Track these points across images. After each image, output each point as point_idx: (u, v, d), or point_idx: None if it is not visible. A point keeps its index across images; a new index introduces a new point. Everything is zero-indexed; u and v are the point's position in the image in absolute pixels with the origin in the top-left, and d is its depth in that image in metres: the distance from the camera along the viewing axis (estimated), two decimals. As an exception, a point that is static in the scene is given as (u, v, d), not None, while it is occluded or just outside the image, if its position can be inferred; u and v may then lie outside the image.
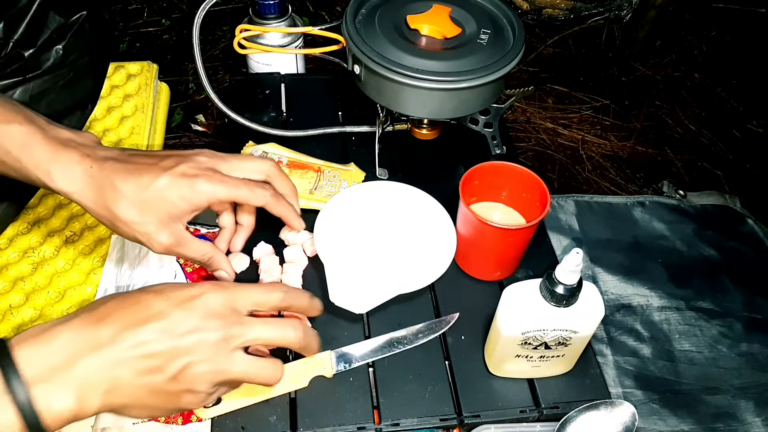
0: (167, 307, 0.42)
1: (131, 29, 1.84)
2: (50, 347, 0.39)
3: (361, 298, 0.57)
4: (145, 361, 0.41)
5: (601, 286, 1.11)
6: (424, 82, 0.64)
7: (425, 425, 0.57)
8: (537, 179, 0.63)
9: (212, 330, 0.42)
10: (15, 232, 0.75)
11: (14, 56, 0.79)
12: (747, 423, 0.95)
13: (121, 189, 0.50)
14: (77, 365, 0.39)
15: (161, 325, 0.41)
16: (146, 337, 0.41)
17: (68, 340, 0.39)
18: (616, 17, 1.86)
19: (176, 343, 0.41)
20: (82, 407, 0.39)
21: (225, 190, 0.53)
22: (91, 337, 0.40)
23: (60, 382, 0.38)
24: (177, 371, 0.42)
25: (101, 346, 0.40)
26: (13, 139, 0.49)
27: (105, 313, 0.41)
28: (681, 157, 1.63)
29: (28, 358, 0.38)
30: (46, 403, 0.38)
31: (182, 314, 0.42)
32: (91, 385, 0.39)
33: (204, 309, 0.43)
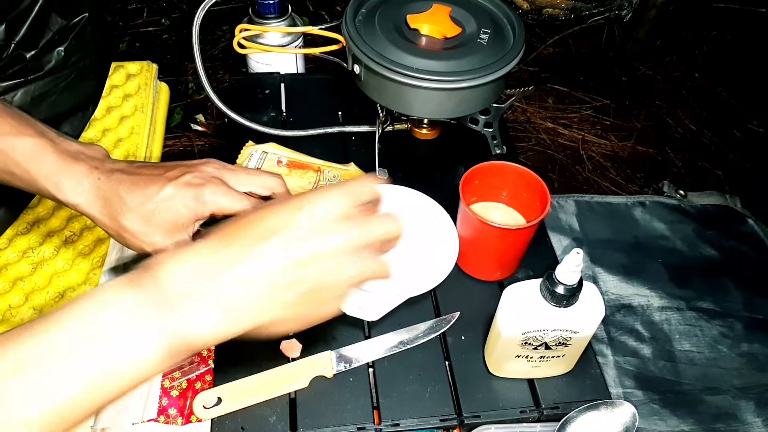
0: (290, 217, 0.41)
1: (131, 29, 1.85)
2: (190, 269, 0.39)
3: (373, 306, 0.58)
4: (281, 276, 0.40)
5: (602, 286, 1.11)
6: (424, 81, 0.64)
7: (425, 425, 0.57)
8: (537, 179, 0.63)
9: (337, 236, 0.41)
10: (15, 232, 0.75)
11: (16, 58, 0.79)
12: (747, 423, 0.95)
13: (127, 200, 0.51)
14: (220, 286, 0.38)
15: (289, 237, 0.40)
16: (276, 252, 0.40)
17: (206, 262, 0.39)
18: (617, 17, 1.86)
19: (305, 254, 0.40)
20: (226, 328, 0.39)
21: (228, 202, 0.52)
22: (225, 258, 0.39)
23: (204, 306, 0.38)
24: (316, 280, 0.41)
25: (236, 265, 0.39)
26: (23, 152, 0.50)
27: (233, 233, 0.40)
28: (681, 157, 1.63)
29: (169, 278, 0.38)
30: (190, 327, 0.37)
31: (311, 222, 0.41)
32: (236, 305, 0.39)
33: (330, 213, 0.42)
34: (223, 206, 0.52)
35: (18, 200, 0.78)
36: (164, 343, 0.37)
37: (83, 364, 0.35)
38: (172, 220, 0.51)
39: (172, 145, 1.56)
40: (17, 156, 0.50)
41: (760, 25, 1.96)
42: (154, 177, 0.52)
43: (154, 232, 0.51)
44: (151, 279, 0.38)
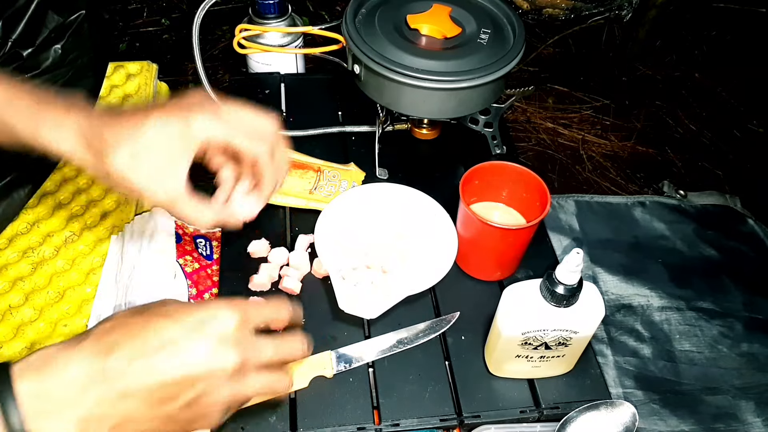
0: (179, 332, 0.40)
1: (131, 29, 1.84)
2: (55, 379, 0.37)
3: (371, 305, 0.58)
4: (157, 392, 0.39)
5: (602, 286, 1.11)
6: (424, 82, 0.64)
7: (425, 425, 0.57)
8: (537, 179, 0.63)
9: (227, 358, 0.40)
10: (15, 232, 0.75)
11: (13, 56, 0.79)
12: (747, 423, 0.95)
13: (111, 138, 0.46)
14: (85, 399, 0.37)
15: (173, 354, 0.39)
16: (158, 368, 0.39)
17: (75, 373, 0.37)
18: (617, 17, 1.86)
19: (190, 373, 0.39)
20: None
21: (222, 128, 0.48)
22: (99, 369, 0.38)
23: (64, 418, 0.37)
24: (191, 400, 0.40)
25: (111, 378, 0.38)
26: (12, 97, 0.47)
27: (113, 341, 0.39)
28: (681, 157, 1.63)
29: (30, 391, 0.36)
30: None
31: (195, 341, 0.40)
32: (98, 419, 0.38)
33: (217, 334, 0.40)
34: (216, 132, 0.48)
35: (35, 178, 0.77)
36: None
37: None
38: (163, 152, 0.46)
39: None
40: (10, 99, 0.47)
41: (760, 25, 1.96)
42: (138, 112, 0.47)
43: (143, 169, 0.46)
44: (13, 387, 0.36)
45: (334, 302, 0.58)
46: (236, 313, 0.41)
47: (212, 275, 0.72)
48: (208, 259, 0.74)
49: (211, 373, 0.40)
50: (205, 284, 0.71)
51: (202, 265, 0.72)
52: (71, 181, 0.81)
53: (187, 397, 0.40)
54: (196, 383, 0.40)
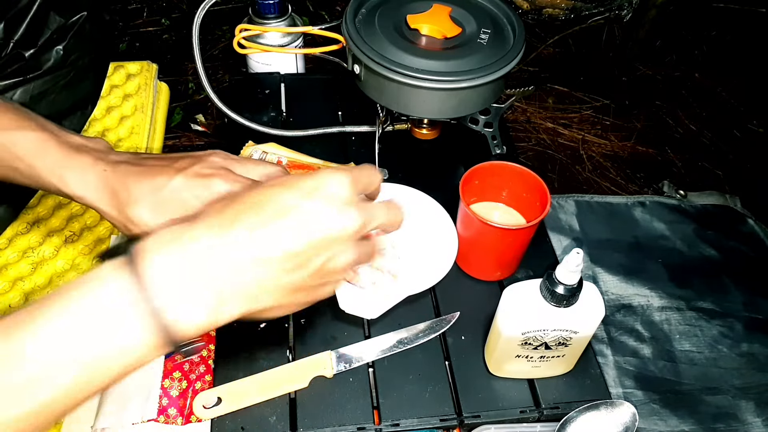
0: (296, 200, 0.40)
1: (131, 29, 1.84)
2: (187, 253, 0.37)
3: (372, 304, 0.58)
4: (285, 261, 0.39)
5: (602, 286, 1.11)
6: (424, 82, 0.64)
7: (425, 425, 0.57)
8: (537, 179, 0.63)
9: (347, 220, 0.41)
10: (14, 232, 0.75)
11: (15, 56, 0.79)
12: (747, 423, 0.95)
13: (135, 191, 0.49)
14: (219, 270, 0.37)
15: (297, 221, 0.39)
16: (284, 235, 0.39)
17: (202, 246, 0.37)
18: (617, 17, 1.86)
19: (315, 238, 0.39)
20: (220, 314, 0.38)
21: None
22: (228, 240, 0.38)
23: (196, 291, 0.37)
24: (319, 266, 0.41)
25: (237, 250, 0.38)
26: (26, 145, 0.49)
27: (237, 213, 0.39)
28: (681, 157, 1.63)
29: (164, 265, 0.36)
30: (179, 313, 0.36)
31: (314, 207, 0.40)
32: (230, 292, 0.38)
33: (334, 198, 0.41)
34: None
35: (19, 197, 0.77)
36: (156, 329, 0.36)
37: (73, 352, 0.35)
38: (182, 210, 0.49)
39: (172, 145, 1.56)
40: (19, 150, 0.49)
41: (760, 25, 1.96)
42: (162, 168, 0.51)
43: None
44: (143, 263, 0.36)
45: (334, 302, 0.58)
46: (346, 176, 0.42)
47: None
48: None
49: (337, 236, 0.40)
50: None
51: (202, 265, 0.72)
52: (71, 181, 0.80)
53: (315, 263, 0.40)
54: (322, 248, 0.40)
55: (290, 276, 0.40)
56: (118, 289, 0.36)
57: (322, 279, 0.42)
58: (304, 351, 0.60)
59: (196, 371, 0.61)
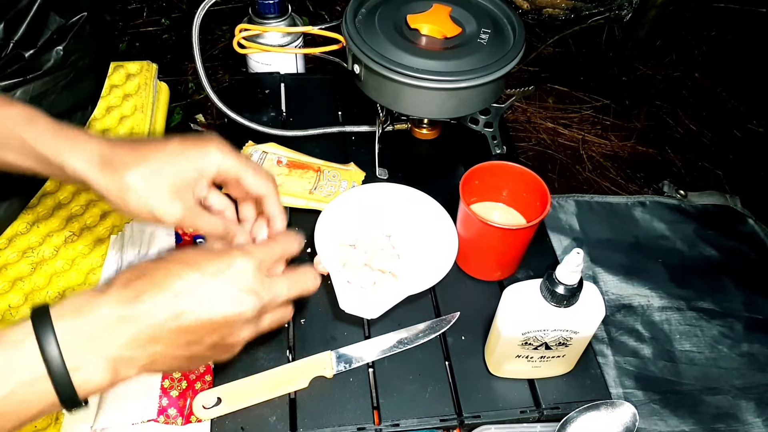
0: (202, 280, 0.42)
1: (131, 29, 1.84)
2: (90, 322, 0.39)
3: (371, 304, 0.58)
4: (183, 336, 0.41)
5: (602, 286, 1.11)
6: (424, 82, 0.64)
7: (425, 425, 0.57)
8: (537, 179, 0.63)
9: (247, 305, 0.43)
10: (14, 232, 0.75)
11: (15, 57, 0.79)
12: (747, 423, 0.95)
13: (129, 158, 0.48)
14: (116, 340, 0.39)
15: (198, 301, 0.41)
16: (184, 313, 0.41)
17: (107, 315, 0.39)
18: (617, 17, 1.86)
19: (211, 320, 0.42)
20: (117, 377, 0.40)
21: (234, 162, 0.51)
22: (129, 314, 0.40)
23: (98, 356, 0.39)
24: (215, 342, 0.43)
25: (140, 323, 0.40)
26: (17, 119, 0.49)
27: (141, 289, 0.41)
28: (681, 157, 1.63)
29: (68, 329, 0.38)
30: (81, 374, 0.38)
31: (215, 290, 0.42)
32: (129, 359, 0.40)
33: (235, 283, 0.43)
34: (229, 166, 0.51)
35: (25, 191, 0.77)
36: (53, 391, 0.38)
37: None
38: (177, 177, 0.49)
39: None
40: (10, 124, 0.48)
41: (760, 25, 1.96)
42: (155, 139, 0.51)
43: (157, 190, 0.48)
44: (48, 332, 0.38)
45: (334, 302, 0.58)
46: (251, 260, 0.44)
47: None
48: (208, 259, 0.74)
49: (234, 319, 0.43)
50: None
51: (202, 265, 0.72)
52: (71, 181, 0.81)
53: (211, 340, 0.43)
54: (219, 328, 0.42)
55: (184, 350, 0.42)
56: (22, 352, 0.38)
57: (218, 351, 0.45)
58: (304, 351, 0.60)
59: (196, 371, 0.61)
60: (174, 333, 0.41)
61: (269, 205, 0.54)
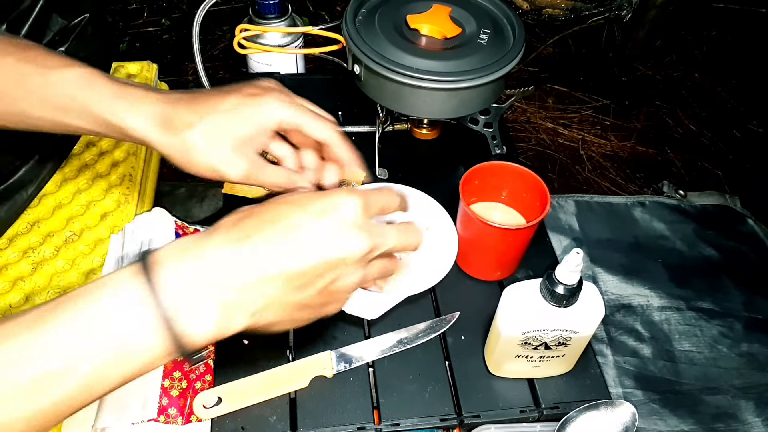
0: (308, 220, 0.40)
1: (131, 29, 1.85)
2: (199, 265, 0.38)
3: (371, 304, 0.58)
4: (292, 280, 0.40)
5: (601, 286, 1.11)
6: (424, 82, 0.64)
7: (425, 425, 0.57)
8: (537, 179, 0.63)
9: (355, 243, 0.41)
10: (15, 232, 0.75)
11: (15, 57, 0.79)
12: (747, 423, 0.95)
13: (188, 116, 0.48)
14: (226, 284, 0.38)
15: (304, 242, 0.40)
16: (290, 255, 0.39)
17: (215, 259, 0.38)
18: (617, 17, 1.86)
19: (322, 259, 0.40)
20: (227, 327, 0.39)
21: (293, 112, 0.50)
22: (237, 255, 0.38)
23: (209, 300, 0.38)
24: (324, 286, 0.41)
25: (250, 263, 0.39)
26: (76, 81, 0.48)
27: (246, 230, 0.40)
28: (681, 157, 1.63)
29: (176, 273, 0.37)
30: (193, 319, 0.37)
31: (324, 228, 0.40)
32: (240, 303, 0.39)
33: (344, 221, 0.41)
34: (288, 117, 0.51)
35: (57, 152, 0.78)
36: (165, 337, 0.37)
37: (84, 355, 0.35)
38: (239, 132, 0.49)
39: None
40: (70, 87, 0.48)
41: (760, 25, 1.96)
42: (215, 93, 0.50)
43: (222, 147, 0.48)
44: (155, 272, 0.37)
45: (334, 302, 0.58)
46: (358, 199, 0.42)
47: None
48: (208, 259, 0.74)
49: (344, 259, 0.41)
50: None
51: (203, 265, 0.72)
52: (71, 181, 0.81)
53: (321, 284, 0.41)
54: (329, 269, 0.41)
55: (295, 295, 0.40)
56: (130, 295, 0.36)
57: (327, 298, 0.42)
58: (304, 351, 0.60)
59: (196, 371, 0.61)
60: (284, 276, 0.39)
61: (337, 151, 0.54)
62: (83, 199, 0.79)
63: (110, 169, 0.82)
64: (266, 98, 0.50)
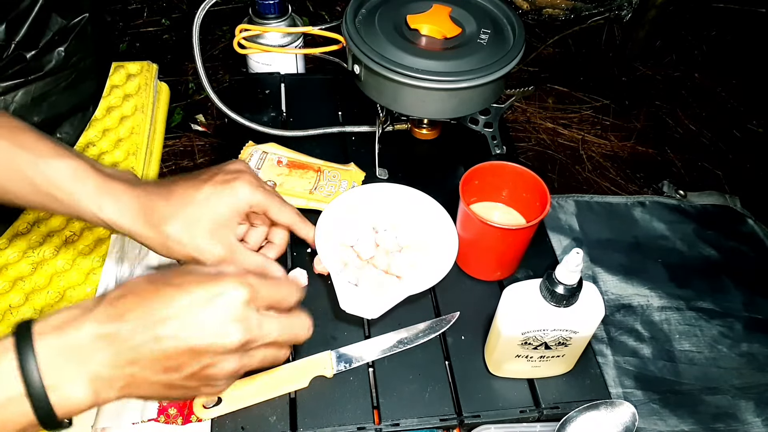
0: (189, 305, 0.41)
1: (131, 29, 1.85)
2: (71, 339, 0.39)
3: (371, 304, 0.58)
4: (162, 361, 0.40)
5: (601, 286, 1.11)
6: (424, 82, 0.64)
7: (425, 425, 0.57)
8: (537, 179, 0.63)
9: (231, 335, 0.41)
10: (15, 232, 0.75)
11: (16, 58, 0.79)
12: (747, 423, 0.95)
13: (167, 210, 0.52)
14: (97, 359, 0.39)
15: (181, 326, 0.40)
16: (164, 338, 0.40)
17: (90, 334, 0.39)
18: (617, 17, 1.86)
19: (190, 346, 0.40)
20: (97, 399, 0.40)
21: (262, 196, 0.55)
22: (111, 333, 0.39)
23: (77, 375, 0.39)
24: (195, 371, 0.42)
25: (120, 343, 0.39)
26: (65, 173, 0.50)
27: (126, 308, 0.40)
28: (681, 157, 1.63)
29: (48, 347, 0.38)
30: (60, 393, 0.38)
31: (201, 316, 0.41)
32: (108, 380, 0.40)
33: (226, 311, 0.41)
34: (258, 200, 0.55)
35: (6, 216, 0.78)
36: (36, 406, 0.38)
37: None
38: (214, 219, 0.53)
39: (172, 145, 1.56)
40: (59, 178, 0.50)
41: (760, 25, 1.96)
42: (189, 183, 0.54)
43: (198, 235, 0.52)
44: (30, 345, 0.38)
45: (335, 302, 0.58)
46: (246, 290, 0.42)
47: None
48: (208, 259, 0.74)
49: (215, 349, 0.41)
50: (205, 284, 0.71)
51: (203, 265, 0.72)
52: (71, 181, 0.81)
53: (191, 368, 0.41)
54: (199, 356, 0.41)
55: (162, 376, 0.41)
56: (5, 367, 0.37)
57: (201, 382, 0.43)
58: (304, 351, 0.60)
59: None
60: (152, 356, 0.40)
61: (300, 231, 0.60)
62: (83, 199, 0.79)
63: (110, 169, 0.82)
64: (238, 183, 0.54)
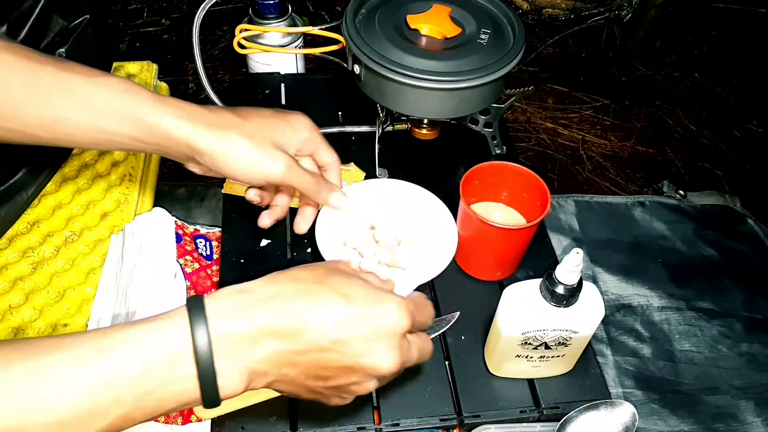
0: (358, 323, 0.41)
1: (131, 29, 1.85)
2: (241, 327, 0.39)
3: None
4: (318, 370, 0.42)
5: (601, 286, 1.11)
6: (424, 82, 0.64)
7: (425, 425, 0.57)
8: (537, 179, 0.63)
9: (388, 364, 0.42)
10: (15, 232, 0.75)
11: (15, 57, 0.79)
12: (747, 423, 0.95)
13: (233, 118, 0.53)
14: (258, 352, 0.39)
15: (349, 343, 0.41)
16: (331, 350, 0.41)
17: (258, 326, 0.39)
18: (617, 17, 1.86)
19: (354, 365, 0.41)
20: (247, 388, 0.40)
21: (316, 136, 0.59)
22: (281, 332, 0.40)
23: (240, 364, 0.39)
24: (341, 384, 0.43)
25: (288, 343, 0.40)
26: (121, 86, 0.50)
27: (300, 310, 0.41)
28: (681, 157, 1.63)
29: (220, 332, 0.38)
30: (222, 379, 0.38)
31: (370, 338, 0.41)
32: (263, 374, 0.40)
33: (389, 338, 0.42)
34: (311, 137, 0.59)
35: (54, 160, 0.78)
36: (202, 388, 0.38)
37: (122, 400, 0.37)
38: (277, 136, 0.55)
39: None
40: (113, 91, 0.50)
41: (760, 25, 1.96)
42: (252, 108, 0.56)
43: (262, 148, 0.53)
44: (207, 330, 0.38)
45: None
46: (408, 322, 0.43)
47: (212, 275, 0.72)
48: (207, 260, 0.74)
49: (370, 371, 0.42)
50: (204, 284, 0.71)
51: (202, 265, 0.72)
52: (71, 181, 0.81)
53: (339, 381, 0.43)
54: (353, 374, 0.42)
55: (312, 381, 0.42)
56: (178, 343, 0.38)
57: (339, 393, 0.44)
58: (304, 351, 0.60)
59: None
60: (312, 364, 0.41)
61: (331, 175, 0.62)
62: (83, 199, 0.79)
63: (110, 169, 0.82)
64: (301, 116, 0.58)
